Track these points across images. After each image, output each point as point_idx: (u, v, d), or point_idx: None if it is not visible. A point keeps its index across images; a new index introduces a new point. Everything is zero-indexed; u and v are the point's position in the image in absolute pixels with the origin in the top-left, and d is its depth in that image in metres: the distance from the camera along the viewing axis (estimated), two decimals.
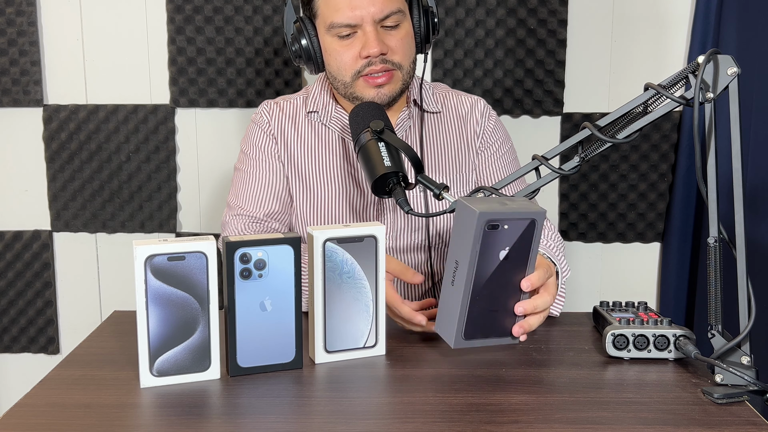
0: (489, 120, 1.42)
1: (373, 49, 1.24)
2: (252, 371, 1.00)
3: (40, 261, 2.14)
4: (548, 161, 1.06)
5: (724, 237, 0.98)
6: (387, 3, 1.25)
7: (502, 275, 0.96)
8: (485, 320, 0.98)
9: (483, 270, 0.95)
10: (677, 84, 1.01)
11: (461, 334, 0.97)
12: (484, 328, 0.98)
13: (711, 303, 0.99)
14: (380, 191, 1.12)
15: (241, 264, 0.96)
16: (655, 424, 0.87)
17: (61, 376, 1.01)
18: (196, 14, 2.01)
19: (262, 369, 1.01)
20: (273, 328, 1.00)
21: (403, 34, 1.28)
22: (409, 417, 0.89)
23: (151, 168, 2.09)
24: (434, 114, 1.40)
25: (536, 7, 1.98)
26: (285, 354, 1.01)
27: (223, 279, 0.97)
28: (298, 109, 1.40)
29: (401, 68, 1.29)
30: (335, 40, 1.27)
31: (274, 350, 1.01)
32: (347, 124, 1.36)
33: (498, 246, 0.95)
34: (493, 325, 0.99)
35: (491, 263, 0.95)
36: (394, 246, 1.37)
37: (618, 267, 2.14)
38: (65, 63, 2.07)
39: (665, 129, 2.03)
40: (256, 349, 1.00)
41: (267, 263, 0.97)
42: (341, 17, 1.24)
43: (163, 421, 0.89)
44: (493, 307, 0.98)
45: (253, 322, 0.98)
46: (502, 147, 1.42)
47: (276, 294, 0.99)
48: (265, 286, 0.98)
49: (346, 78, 1.29)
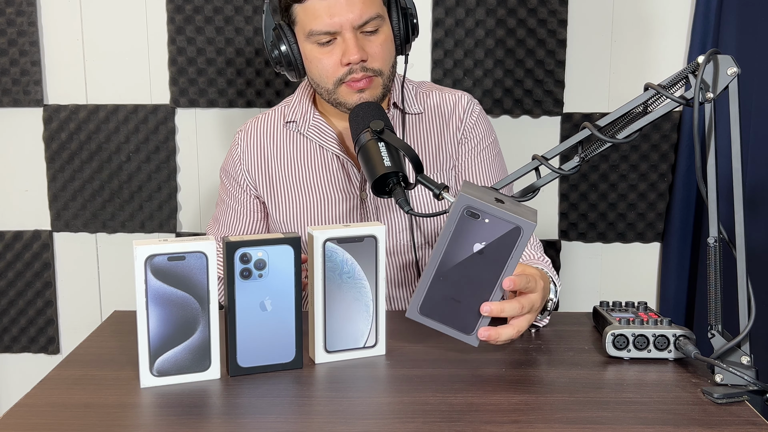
0: (471, 114, 1.40)
1: (353, 56, 1.24)
2: (252, 371, 1.00)
3: (40, 261, 2.14)
4: (548, 161, 1.06)
5: (724, 237, 0.98)
6: (365, 8, 1.24)
7: (472, 268, 0.95)
8: (446, 305, 0.97)
9: (453, 253, 0.94)
10: (677, 84, 1.01)
11: (417, 307, 0.97)
12: (442, 312, 0.98)
13: (711, 303, 0.99)
14: (380, 191, 1.12)
15: (241, 264, 0.96)
16: (655, 424, 0.87)
17: (61, 376, 1.01)
18: (196, 14, 2.01)
19: (262, 369, 1.01)
20: (273, 328, 1.00)
21: (383, 39, 1.28)
22: (409, 417, 0.89)
23: (151, 168, 2.09)
24: (416, 115, 1.40)
25: (536, 7, 1.98)
26: (285, 354, 1.01)
27: (224, 279, 0.97)
28: (276, 122, 1.41)
29: (381, 74, 1.29)
30: (315, 48, 1.27)
31: (275, 350, 1.01)
32: (325, 131, 1.37)
33: (474, 236, 0.94)
34: (453, 315, 0.98)
35: (463, 251, 0.94)
36: (388, 248, 1.38)
37: (618, 267, 2.14)
38: (65, 63, 2.07)
39: (665, 129, 2.03)
40: (256, 348, 1.00)
41: (267, 263, 0.97)
42: (320, 25, 1.24)
43: (163, 421, 0.89)
44: (456, 297, 0.97)
45: (254, 322, 0.98)
46: (483, 140, 1.40)
47: (276, 294, 0.99)
48: (265, 286, 0.98)
49: (328, 85, 1.29)
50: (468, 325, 0.99)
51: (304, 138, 1.39)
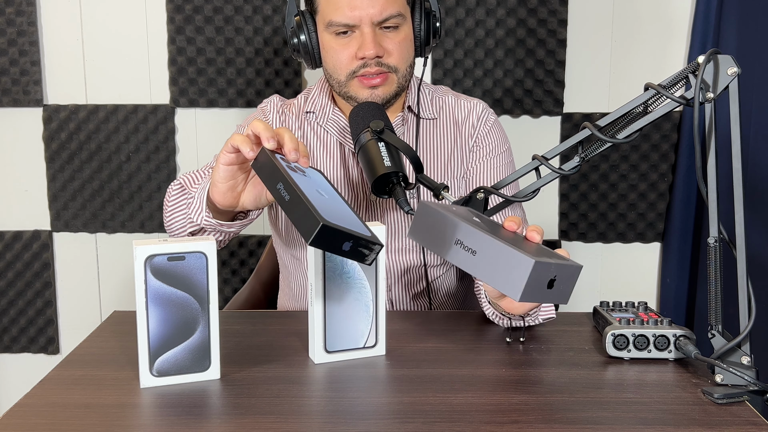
0: (486, 123, 1.40)
1: (368, 51, 1.24)
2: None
3: (40, 261, 2.14)
4: (548, 161, 1.06)
5: (724, 237, 0.98)
6: (387, 5, 1.24)
7: (497, 231, 0.94)
8: (535, 250, 0.92)
9: (481, 227, 0.92)
10: (677, 84, 1.01)
11: (529, 254, 0.86)
12: (535, 252, 0.91)
13: (711, 303, 0.99)
14: (380, 191, 1.12)
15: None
16: (655, 424, 0.87)
17: (61, 376, 1.01)
18: (196, 14, 2.01)
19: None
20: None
21: (402, 38, 1.28)
22: (409, 417, 0.89)
23: (151, 168, 2.09)
24: (430, 120, 1.39)
25: (536, 7, 1.98)
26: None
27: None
28: (300, 109, 1.40)
29: (397, 71, 1.28)
30: (333, 38, 1.27)
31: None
32: (344, 127, 1.36)
33: (475, 216, 0.97)
34: (543, 251, 0.93)
35: (481, 225, 0.93)
36: (388, 248, 1.37)
37: (618, 267, 2.14)
38: (65, 63, 2.07)
39: (665, 129, 2.03)
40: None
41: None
42: (340, 16, 1.24)
43: (163, 421, 0.89)
44: (521, 245, 0.92)
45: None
46: (496, 149, 1.40)
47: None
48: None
49: (340, 77, 1.29)
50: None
51: (324, 131, 1.38)
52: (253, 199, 1.09)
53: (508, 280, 0.87)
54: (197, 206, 1.18)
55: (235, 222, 1.18)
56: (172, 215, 1.26)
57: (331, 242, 0.85)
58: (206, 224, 1.17)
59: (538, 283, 0.87)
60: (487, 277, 0.89)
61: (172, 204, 1.26)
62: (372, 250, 0.88)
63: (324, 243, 0.85)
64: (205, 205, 1.16)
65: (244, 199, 1.10)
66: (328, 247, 0.86)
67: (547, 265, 0.87)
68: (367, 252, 0.88)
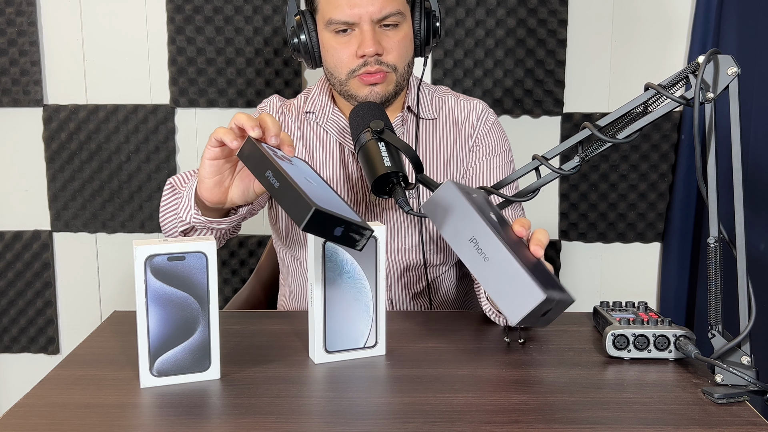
0: (486, 123, 1.40)
1: (368, 49, 1.24)
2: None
3: (40, 261, 2.14)
4: (548, 161, 1.06)
5: (724, 237, 0.98)
6: (387, 3, 1.24)
7: (506, 233, 0.94)
8: (540, 272, 0.91)
9: (498, 231, 0.91)
10: (677, 84, 1.01)
11: (541, 285, 0.86)
12: (544, 279, 0.90)
13: (711, 303, 0.99)
14: (380, 191, 1.12)
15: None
16: (655, 424, 0.87)
17: (61, 376, 1.01)
18: (196, 14, 2.01)
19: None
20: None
21: (401, 36, 1.28)
22: (409, 417, 0.88)
23: (151, 168, 2.09)
24: (430, 120, 1.39)
25: (536, 7, 1.98)
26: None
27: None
28: (300, 109, 1.41)
29: (396, 70, 1.29)
30: (333, 36, 1.27)
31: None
32: (344, 127, 1.36)
33: (490, 208, 0.96)
34: (547, 277, 0.92)
35: (495, 224, 0.93)
36: (388, 248, 1.37)
37: (618, 267, 2.14)
38: (65, 63, 2.07)
39: (665, 129, 2.03)
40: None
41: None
42: (339, 14, 1.24)
43: (163, 421, 0.89)
44: (528, 262, 0.91)
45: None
46: (496, 149, 1.40)
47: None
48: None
49: (341, 76, 1.29)
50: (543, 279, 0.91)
51: (324, 131, 1.38)
52: (240, 193, 1.09)
53: (512, 301, 0.87)
54: (186, 204, 1.18)
55: (224, 219, 1.18)
56: (165, 215, 1.26)
57: (323, 227, 0.86)
58: (195, 221, 1.17)
59: (537, 311, 0.87)
60: (490, 287, 0.89)
61: (164, 204, 1.27)
62: (363, 235, 0.88)
63: (316, 228, 0.85)
64: (194, 203, 1.16)
65: (232, 193, 1.10)
66: (320, 232, 0.86)
67: (551, 300, 0.87)
68: (358, 237, 0.88)
